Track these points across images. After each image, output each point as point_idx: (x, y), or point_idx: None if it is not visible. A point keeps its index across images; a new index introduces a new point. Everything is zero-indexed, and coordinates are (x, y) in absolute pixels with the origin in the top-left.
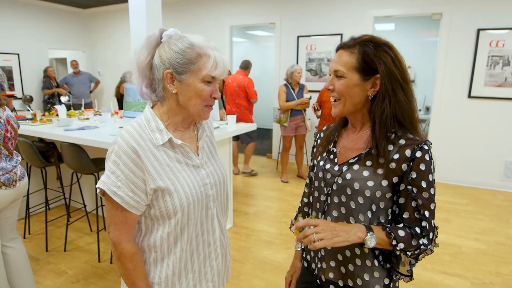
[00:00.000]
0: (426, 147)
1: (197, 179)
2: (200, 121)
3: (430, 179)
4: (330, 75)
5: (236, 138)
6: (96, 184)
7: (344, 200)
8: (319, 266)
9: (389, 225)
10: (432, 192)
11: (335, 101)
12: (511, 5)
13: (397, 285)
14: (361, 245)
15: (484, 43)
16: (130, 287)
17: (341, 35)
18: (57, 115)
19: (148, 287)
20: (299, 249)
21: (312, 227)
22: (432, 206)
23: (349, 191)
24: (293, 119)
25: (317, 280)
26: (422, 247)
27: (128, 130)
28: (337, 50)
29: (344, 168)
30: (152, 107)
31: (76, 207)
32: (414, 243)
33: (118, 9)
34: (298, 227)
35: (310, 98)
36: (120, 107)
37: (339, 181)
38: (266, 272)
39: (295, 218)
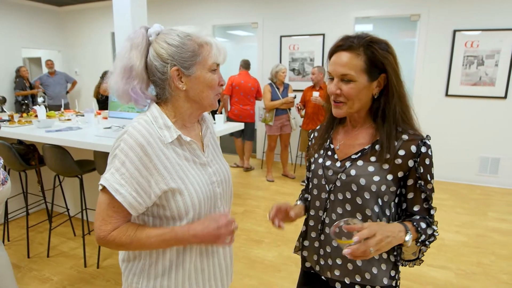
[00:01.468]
0: (428, 142)
1: (205, 177)
2: (203, 118)
3: (432, 172)
4: (330, 78)
5: (239, 135)
6: (80, 186)
7: (349, 197)
8: (322, 263)
9: (413, 219)
10: (433, 183)
11: (337, 103)
12: (484, 7)
13: (399, 275)
14: (400, 245)
15: (460, 44)
16: (157, 246)
17: (323, 35)
18: (36, 116)
19: (165, 234)
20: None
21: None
22: (433, 195)
23: (354, 187)
24: (278, 118)
25: (322, 277)
26: (435, 233)
27: (135, 127)
28: (335, 51)
29: (347, 164)
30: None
31: (58, 212)
32: (429, 231)
33: (95, 7)
34: (357, 249)
35: (295, 97)
36: (100, 107)
37: (343, 177)
38: (258, 271)
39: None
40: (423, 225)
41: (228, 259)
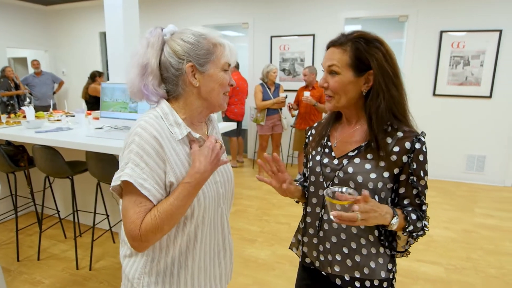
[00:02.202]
0: (423, 139)
1: (210, 177)
2: (210, 118)
3: (426, 168)
4: (323, 71)
5: (236, 134)
6: (71, 187)
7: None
8: (322, 259)
9: (405, 209)
10: (426, 180)
11: (329, 97)
12: (470, 9)
13: (396, 268)
14: (383, 226)
15: (447, 44)
16: (184, 207)
17: (314, 35)
18: (24, 116)
19: (180, 192)
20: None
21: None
22: (426, 192)
23: (352, 185)
24: (269, 118)
25: (322, 272)
26: (425, 228)
27: (148, 121)
28: (328, 47)
29: (345, 161)
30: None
31: (47, 214)
32: (419, 225)
33: (83, 6)
34: (346, 199)
35: (286, 97)
36: (89, 108)
37: (341, 175)
38: (252, 270)
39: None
40: (413, 216)
41: (228, 258)
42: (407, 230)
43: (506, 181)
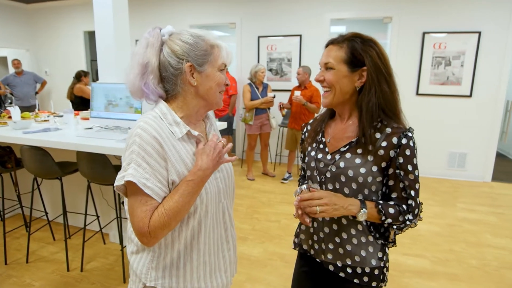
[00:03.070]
0: (410, 134)
1: None
2: (207, 116)
3: (414, 162)
4: (320, 68)
5: (227, 133)
6: (61, 188)
7: (338, 187)
8: (316, 247)
9: (382, 202)
10: (417, 174)
11: (325, 92)
12: (450, 12)
13: (387, 257)
14: (353, 217)
15: (429, 45)
16: (188, 203)
17: (300, 36)
18: (9, 117)
19: (185, 189)
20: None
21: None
22: (417, 186)
23: (343, 178)
24: (258, 117)
25: (317, 259)
26: (407, 222)
27: (147, 122)
28: (327, 46)
29: (337, 156)
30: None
31: (35, 216)
32: (401, 218)
33: (66, 5)
34: (304, 198)
35: (274, 97)
36: (74, 108)
37: (333, 169)
38: (245, 267)
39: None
40: (391, 210)
41: (232, 251)
42: (386, 222)
43: (486, 177)
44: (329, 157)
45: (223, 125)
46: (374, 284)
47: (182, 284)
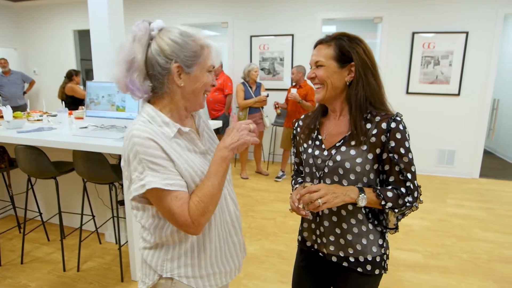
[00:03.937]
0: (398, 118)
1: (207, 165)
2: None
3: (407, 146)
4: (311, 67)
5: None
6: (56, 188)
7: (336, 180)
8: (319, 241)
9: (379, 187)
10: (411, 157)
11: (317, 88)
12: (439, 12)
13: (387, 244)
14: (354, 204)
15: (418, 45)
16: (221, 181)
17: (292, 35)
18: (1, 117)
19: (214, 169)
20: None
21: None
22: (413, 169)
23: (341, 171)
24: (251, 116)
25: (320, 253)
26: (408, 204)
27: (139, 129)
28: (316, 45)
29: (333, 152)
30: (148, 102)
31: (28, 217)
32: (400, 201)
33: (54, 3)
34: (302, 194)
35: (268, 96)
36: (67, 108)
37: (330, 163)
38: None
39: (294, 182)
40: (389, 194)
41: (239, 234)
42: (386, 206)
43: (474, 174)
44: (325, 153)
45: (219, 124)
46: (377, 271)
47: (198, 272)
